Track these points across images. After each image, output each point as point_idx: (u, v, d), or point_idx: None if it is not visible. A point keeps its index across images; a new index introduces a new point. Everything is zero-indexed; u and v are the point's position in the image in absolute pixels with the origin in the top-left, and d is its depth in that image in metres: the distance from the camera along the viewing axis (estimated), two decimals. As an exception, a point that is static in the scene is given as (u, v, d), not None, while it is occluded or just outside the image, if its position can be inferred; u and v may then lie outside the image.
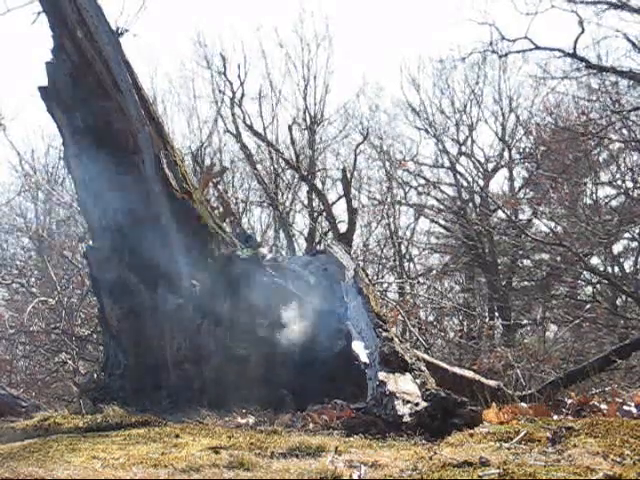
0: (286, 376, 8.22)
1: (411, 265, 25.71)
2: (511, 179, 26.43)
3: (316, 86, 25.84)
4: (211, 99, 26.08)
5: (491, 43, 21.88)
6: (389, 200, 25.13)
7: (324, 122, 26.31)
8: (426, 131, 26.19)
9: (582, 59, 20.21)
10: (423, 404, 5.95)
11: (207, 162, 24.54)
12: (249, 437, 5.76)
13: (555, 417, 6.41)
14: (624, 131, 20.11)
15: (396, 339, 7.47)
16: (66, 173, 20.26)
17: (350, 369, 7.45)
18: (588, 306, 20.72)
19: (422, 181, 26.58)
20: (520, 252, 24.23)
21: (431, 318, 21.45)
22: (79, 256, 18.41)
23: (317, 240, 24.21)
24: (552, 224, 22.38)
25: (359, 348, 7.46)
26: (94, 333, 15.97)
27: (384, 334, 7.42)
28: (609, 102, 19.25)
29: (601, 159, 23.03)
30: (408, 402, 5.98)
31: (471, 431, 5.59)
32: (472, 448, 4.99)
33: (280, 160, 25.70)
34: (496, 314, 23.67)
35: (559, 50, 20.83)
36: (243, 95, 25.63)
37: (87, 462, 5.06)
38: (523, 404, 7.78)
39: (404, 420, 5.79)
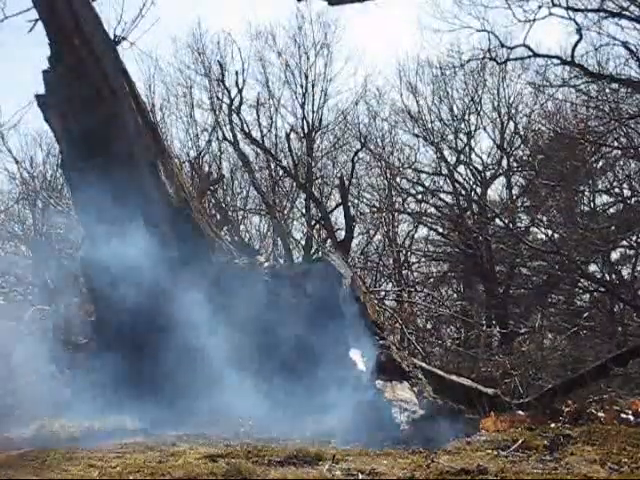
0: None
1: (409, 273, 25.63)
2: (509, 187, 26.36)
3: (314, 94, 25.82)
4: (209, 107, 26.03)
5: (489, 50, 21.80)
6: (388, 208, 25.06)
7: (322, 130, 26.26)
8: (425, 138, 26.17)
9: (580, 66, 20.13)
10: (420, 412, 5.95)
11: (205, 170, 24.46)
12: (246, 445, 5.75)
13: (552, 425, 6.42)
14: (622, 139, 20.07)
15: (394, 347, 7.47)
16: (64, 180, 20.19)
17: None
18: (586, 314, 20.70)
19: (421, 189, 26.52)
20: (518, 260, 24.17)
21: (429, 326, 21.40)
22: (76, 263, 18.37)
23: (315, 248, 24.17)
24: (550, 232, 22.35)
25: (356, 356, 7.46)
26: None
27: (381, 342, 7.42)
28: (608, 109, 19.19)
29: (599, 167, 23.00)
30: (405, 410, 5.99)
31: (468, 439, 5.59)
32: (469, 456, 4.99)
33: (278, 168, 25.67)
34: (494, 322, 23.60)
35: (557, 57, 20.75)
36: (241, 103, 25.56)
37: (84, 470, 5.05)
38: (521, 412, 7.78)
39: (401, 428, 5.79)
